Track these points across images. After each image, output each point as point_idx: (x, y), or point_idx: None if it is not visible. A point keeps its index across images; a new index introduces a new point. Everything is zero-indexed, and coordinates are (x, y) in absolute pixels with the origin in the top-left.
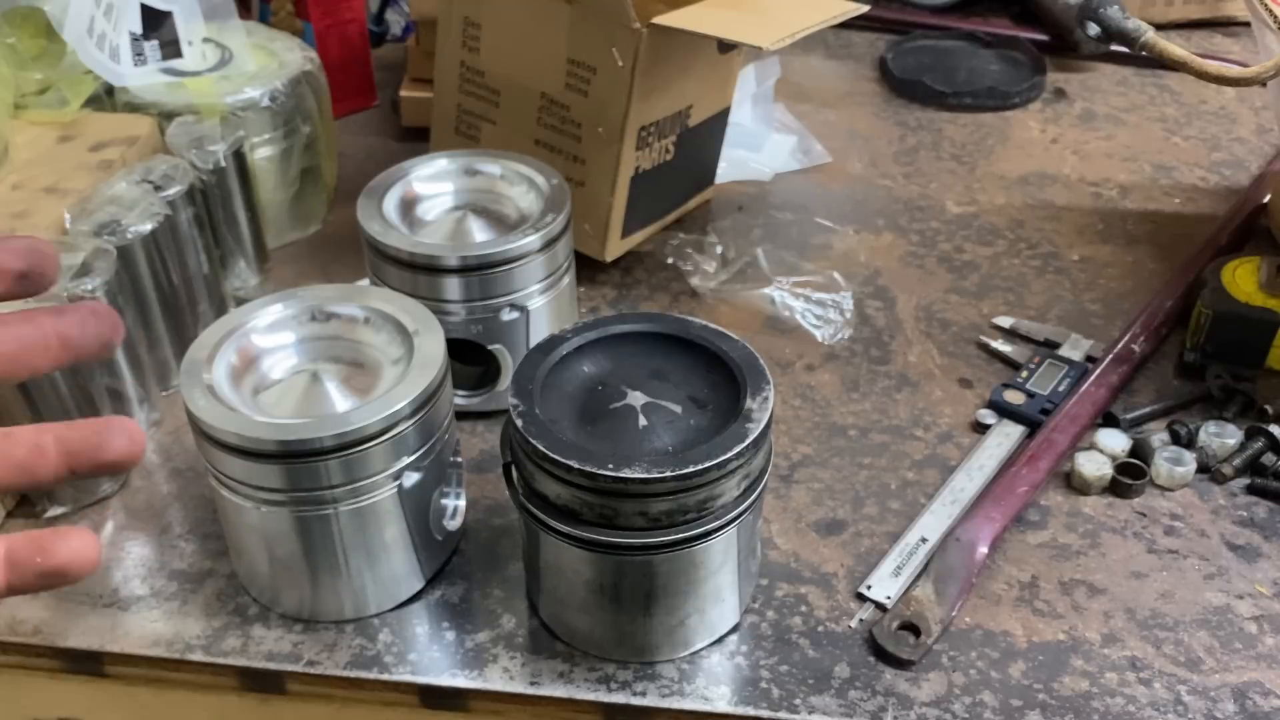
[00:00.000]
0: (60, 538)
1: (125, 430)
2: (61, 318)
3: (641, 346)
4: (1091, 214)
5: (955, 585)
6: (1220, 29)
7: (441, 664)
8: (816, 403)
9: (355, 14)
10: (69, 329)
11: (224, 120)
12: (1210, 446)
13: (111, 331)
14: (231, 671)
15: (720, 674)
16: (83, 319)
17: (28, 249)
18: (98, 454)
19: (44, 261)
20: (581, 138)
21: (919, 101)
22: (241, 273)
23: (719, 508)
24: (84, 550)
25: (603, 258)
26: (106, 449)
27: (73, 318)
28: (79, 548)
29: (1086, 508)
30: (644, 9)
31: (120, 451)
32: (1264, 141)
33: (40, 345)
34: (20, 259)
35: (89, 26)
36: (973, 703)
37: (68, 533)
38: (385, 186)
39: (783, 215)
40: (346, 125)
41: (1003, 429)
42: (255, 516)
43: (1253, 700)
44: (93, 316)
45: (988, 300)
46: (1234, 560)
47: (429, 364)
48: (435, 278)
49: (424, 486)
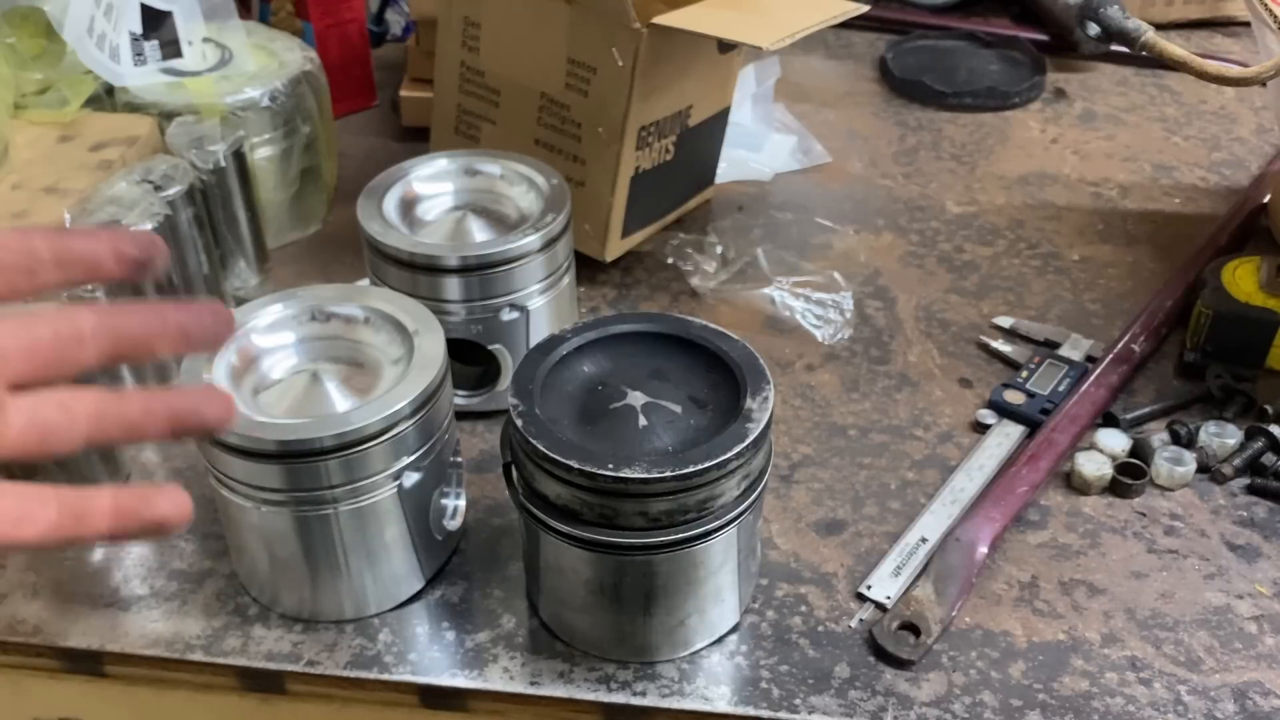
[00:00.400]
0: (161, 494)
1: (173, 497)
2: (183, 311)
3: (641, 346)
4: (1091, 214)
5: (955, 585)
6: (1220, 29)
7: (441, 664)
8: (816, 403)
9: (355, 14)
10: (189, 321)
11: (224, 120)
12: (1210, 446)
13: (226, 329)
14: (231, 671)
15: (720, 674)
16: (201, 315)
17: (149, 241)
18: (145, 512)
19: (157, 252)
20: (581, 138)
21: (919, 101)
22: (241, 273)
23: (719, 508)
24: (179, 506)
25: (603, 258)
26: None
27: (193, 312)
28: (177, 503)
29: (1086, 508)
30: (644, 9)
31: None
32: (1264, 141)
33: (161, 332)
34: (139, 248)
35: (89, 26)
36: (973, 703)
37: (167, 489)
38: (385, 186)
39: (783, 215)
40: (346, 125)
41: (1003, 429)
42: (255, 516)
43: (1253, 700)
44: (211, 315)
45: (988, 300)
46: (1234, 560)
47: (429, 364)
48: (435, 278)
49: (424, 486)
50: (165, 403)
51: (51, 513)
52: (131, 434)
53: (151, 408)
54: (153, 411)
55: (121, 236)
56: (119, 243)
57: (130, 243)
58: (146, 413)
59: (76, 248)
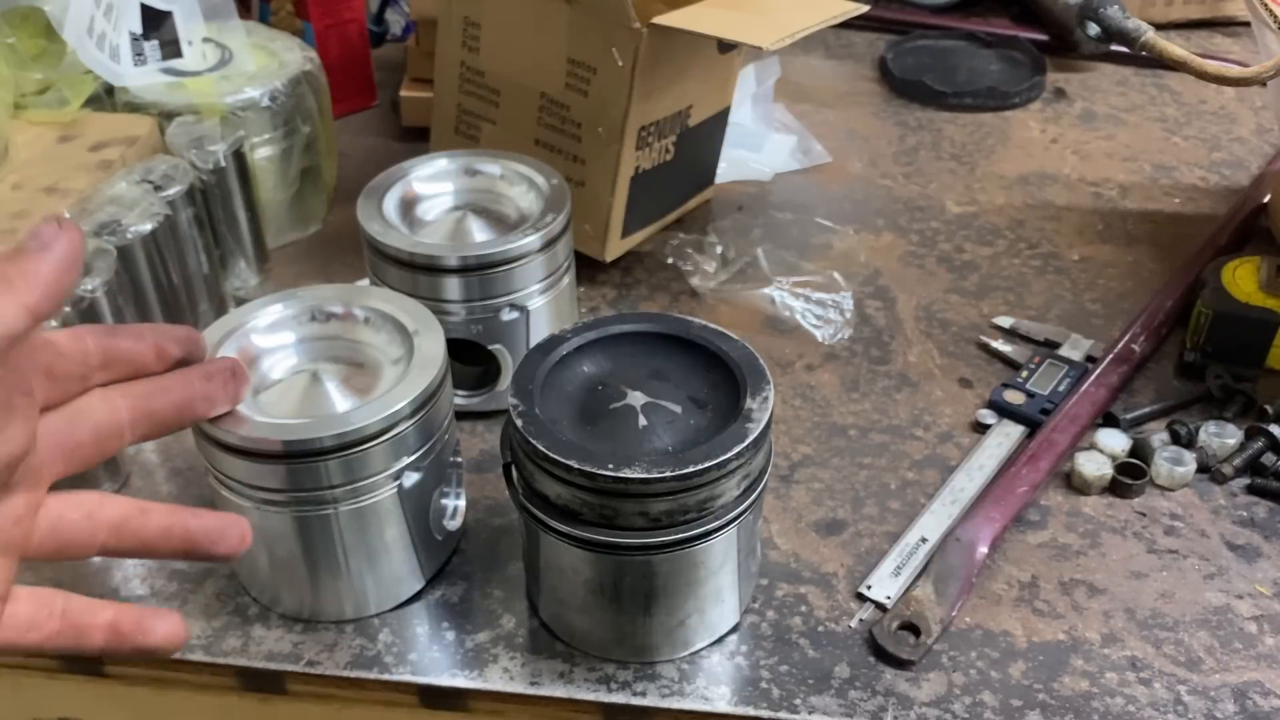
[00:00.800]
0: (158, 620)
1: (168, 624)
2: (210, 381)
3: (641, 346)
4: (1091, 214)
5: (955, 585)
6: (1220, 29)
7: (441, 664)
8: (816, 403)
9: (355, 14)
10: (215, 391)
11: (224, 120)
12: (1210, 446)
13: (244, 387)
14: (231, 671)
15: (720, 674)
16: (224, 379)
17: (186, 338)
18: (138, 639)
19: (198, 349)
20: (581, 138)
21: (919, 101)
22: (241, 273)
23: (719, 508)
24: (172, 636)
25: (603, 258)
26: (147, 636)
27: (218, 379)
28: (170, 632)
29: (1086, 508)
30: (644, 9)
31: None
32: (1264, 141)
33: (190, 406)
34: (181, 347)
35: (89, 26)
36: (973, 703)
37: (165, 616)
38: (385, 186)
39: (783, 215)
40: (346, 125)
41: (1003, 429)
42: (255, 516)
43: (1253, 700)
44: (233, 379)
45: (988, 300)
46: (1234, 560)
47: (429, 364)
48: (435, 278)
49: (424, 486)
50: (185, 527)
51: (55, 623)
52: (142, 553)
53: (171, 529)
54: (171, 533)
55: (164, 334)
56: (162, 341)
57: (172, 341)
58: (164, 533)
59: (124, 349)
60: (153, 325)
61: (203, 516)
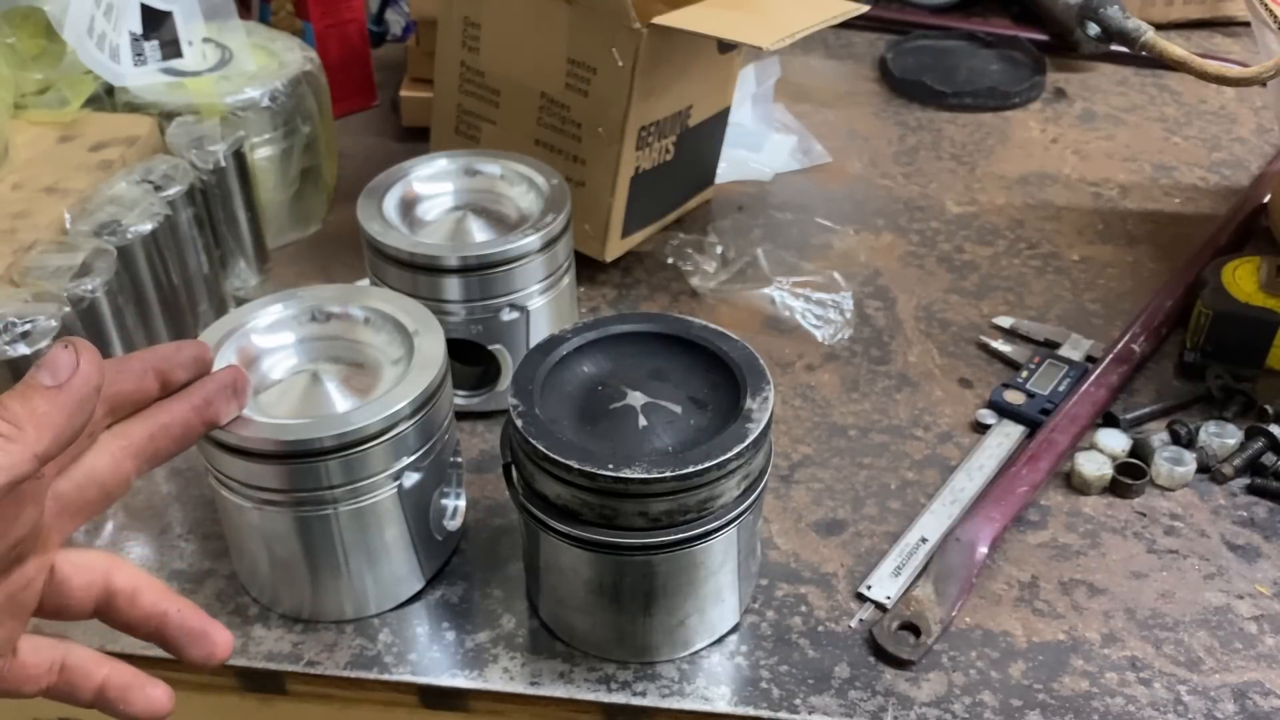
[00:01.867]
0: (144, 690)
1: (153, 697)
2: (212, 400)
3: (641, 346)
4: (1091, 214)
5: (955, 585)
6: (1220, 29)
7: (441, 664)
8: (816, 403)
9: (355, 14)
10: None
11: (224, 120)
12: (1210, 446)
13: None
14: (231, 671)
15: (720, 674)
16: (226, 399)
17: (193, 361)
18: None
19: (205, 370)
20: (581, 138)
21: (919, 101)
22: (241, 273)
23: (719, 508)
24: (153, 707)
25: (603, 258)
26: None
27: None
28: (149, 706)
29: (1086, 508)
30: (644, 9)
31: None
32: (1264, 141)
33: (198, 430)
34: (187, 372)
35: (89, 26)
36: (973, 703)
37: (152, 688)
38: (385, 186)
39: (783, 215)
40: (346, 125)
41: (1003, 429)
42: (255, 517)
43: (1253, 700)
44: (235, 396)
45: (988, 300)
46: (1234, 560)
47: (429, 364)
48: (435, 278)
49: (424, 486)
50: (162, 623)
51: (53, 678)
52: (125, 631)
53: (150, 620)
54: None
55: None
56: (168, 370)
57: (178, 368)
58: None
59: (128, 393)
60: (159, 353)
61: (185, 615)
